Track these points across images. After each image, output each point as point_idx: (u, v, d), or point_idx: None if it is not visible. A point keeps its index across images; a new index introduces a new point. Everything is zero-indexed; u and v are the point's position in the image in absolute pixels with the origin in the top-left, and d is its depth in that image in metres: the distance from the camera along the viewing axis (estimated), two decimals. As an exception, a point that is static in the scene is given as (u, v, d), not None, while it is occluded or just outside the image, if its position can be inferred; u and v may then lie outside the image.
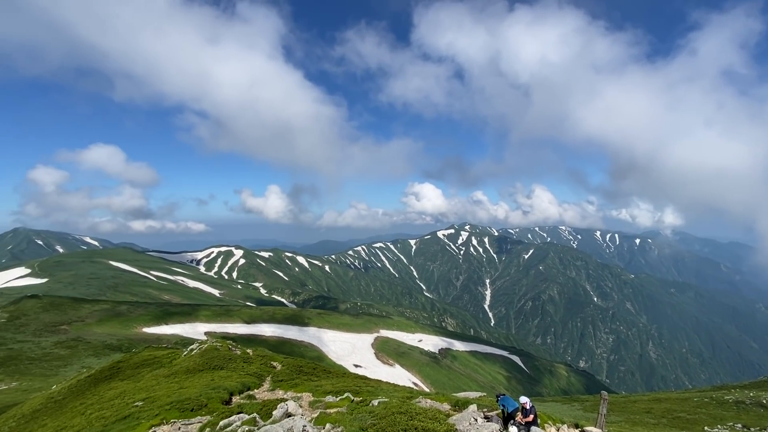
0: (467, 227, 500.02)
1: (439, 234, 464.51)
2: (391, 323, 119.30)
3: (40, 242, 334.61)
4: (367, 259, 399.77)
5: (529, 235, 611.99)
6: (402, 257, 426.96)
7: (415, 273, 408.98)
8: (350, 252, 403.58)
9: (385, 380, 19.73)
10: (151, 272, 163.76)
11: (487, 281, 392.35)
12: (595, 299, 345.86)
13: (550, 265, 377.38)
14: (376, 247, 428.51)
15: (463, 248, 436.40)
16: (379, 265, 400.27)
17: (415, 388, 38.78)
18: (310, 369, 21.97)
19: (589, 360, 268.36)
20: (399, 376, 79.22)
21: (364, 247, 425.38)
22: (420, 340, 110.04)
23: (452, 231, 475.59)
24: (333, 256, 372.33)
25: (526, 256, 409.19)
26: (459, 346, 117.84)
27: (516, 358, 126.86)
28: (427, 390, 62.57)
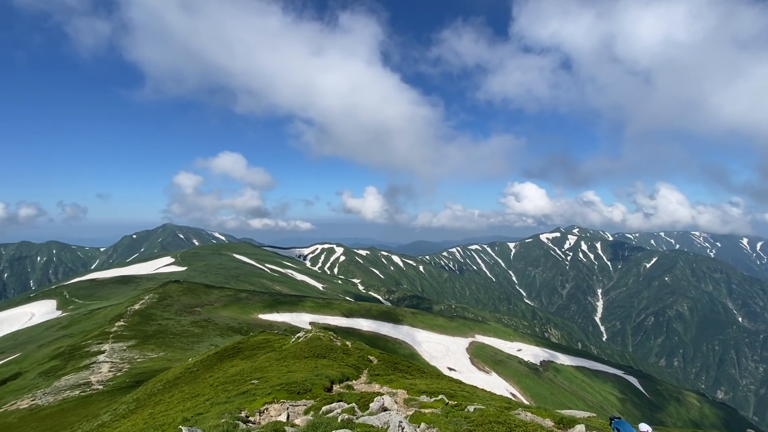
0: (575, 230, 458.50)
1: (543, 237, 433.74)
2: (488, 329, 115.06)
3: (182, 236, 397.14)
4: (462, 261, 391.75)
5: (652, 241, 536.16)
6: (500, 261, 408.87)
7: (514, 278, 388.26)
8: (445, 253, 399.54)
9: (480, 387, 19.07)
10: (266, 265, 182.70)
11: (599, 291, 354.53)
12: (740, 319, 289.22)
13: (679, 277, 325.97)
14: (472, 249, 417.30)
15: (570, 253, 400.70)
16: (474, 268, 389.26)
17: (513, 399, 36.73)
18: (405, 367, 22.26)
19: (730, 391, 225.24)
20: (495, 384, 76.00)
21: (459, 248, 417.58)
22: (519, 350, 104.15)
23: (558, 234, 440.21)
24: (427, 257, 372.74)
25: (648, 265, 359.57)
26: (563, 359, 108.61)
27: (633, 380, 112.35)
28: (526, 403, 58.86)
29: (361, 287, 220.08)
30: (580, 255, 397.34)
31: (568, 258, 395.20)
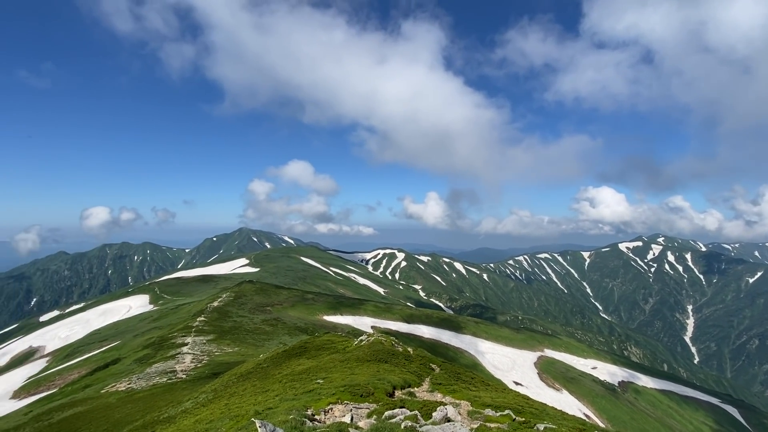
0: (661, 239, 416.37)
1: (622, 246, 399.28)
2: (558, 343, 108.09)
3: (255, 239, 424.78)
4: (530, 270, 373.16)
5: (756, 253, 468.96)
6: (572, 271, 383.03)
7: (588, 290, 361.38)
8: (511, 261, 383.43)
9: (550, 405, 17.89)
10: (331, 268, 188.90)
11: (689, 308, 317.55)
12: None
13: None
14: (541, 258, 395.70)
15: (655, 265, 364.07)
16: (543, 277, 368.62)
17: (587, 420, 34.01)
18: (468, 378, 21.60)
19: None
20: (567, 403, 70.98)
21: (526, 257, 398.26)
22: (594, 367, 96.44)
23: (639, 244, 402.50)
24: (492, 265, 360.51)
25: (752, 280, 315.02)
26: (646, 381, 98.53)
27: (732, 410, 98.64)
28: (602, 425, 54.18)
29: (422, 293, 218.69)
30: (666, 267, 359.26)
31: (652, 270, 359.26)
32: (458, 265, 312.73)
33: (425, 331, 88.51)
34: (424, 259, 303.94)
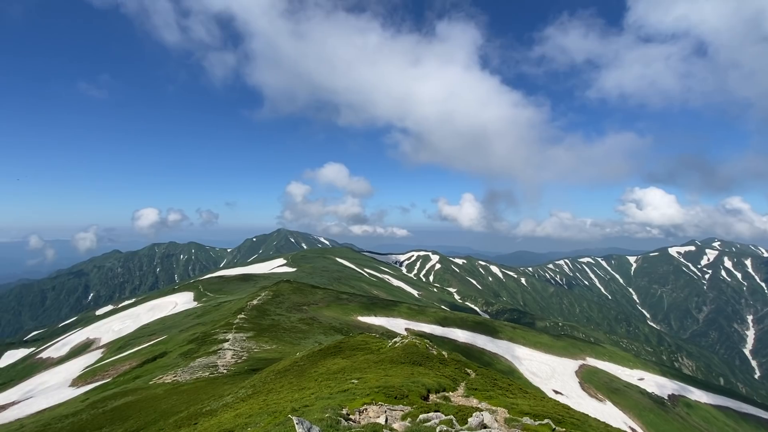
0: (716, 244, 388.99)
1: (672, 251, 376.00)
2: (602, 352, 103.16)
3: (292, 240, 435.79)
4: (571, 274, 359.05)
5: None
6: (617, 276, 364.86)
7: (635, 297, 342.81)
8: (550, 265, 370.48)
9: (592, 416, 17.04)
10: (365, 269, 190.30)
11: (749, 318, 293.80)
12: None
13: None
14: (583, 262, 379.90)
15: (709, 271, 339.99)
16: (586, 283, 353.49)
17: (633, 434, 32.20)
18: (505, 384, 21.02)
19: None
20: (610, 415, 67.55)
21: (567, 261, 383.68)
22: (641, 378, 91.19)
23: (692, 248, 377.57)
24: (530, 269, 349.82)
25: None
26: (699, 395, 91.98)
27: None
28: (650, 441, 51.21)
29: (457, 297, 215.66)
30: (723, 273, 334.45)
31: (706, 276, 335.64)
32: (495, 269, 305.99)
33: (460, 335, 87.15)
34: (459, 261, 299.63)
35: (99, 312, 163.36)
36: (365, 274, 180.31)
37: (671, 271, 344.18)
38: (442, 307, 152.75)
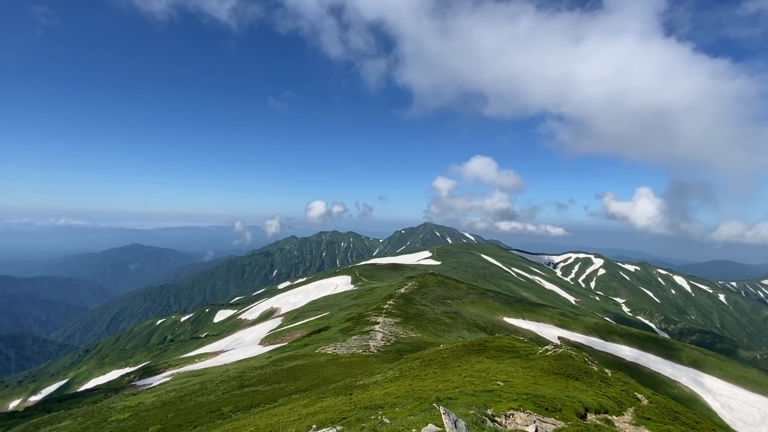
0: None
1: None
2: None
3: (438, 234, 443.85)
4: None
5: None
6: None
7: None
8: (766, 281, 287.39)
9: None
10: (513, 269, 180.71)
11: None
12: None
13: None
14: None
15: None
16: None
17: None
18: (691, 421, 17.19)
19: None
20: None
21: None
22: None
23: None
24: (734, 284, 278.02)
25: None
26: None
27: None
28: None
29: (625, 308, 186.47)
30: None
31: None
32: (680, 280, 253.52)
33: (626, 352, 75.11)
34: (631, 268, 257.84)
35: (280, 286, 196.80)
36: (513, 273, 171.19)
37: None
38: (606, 318, 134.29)
